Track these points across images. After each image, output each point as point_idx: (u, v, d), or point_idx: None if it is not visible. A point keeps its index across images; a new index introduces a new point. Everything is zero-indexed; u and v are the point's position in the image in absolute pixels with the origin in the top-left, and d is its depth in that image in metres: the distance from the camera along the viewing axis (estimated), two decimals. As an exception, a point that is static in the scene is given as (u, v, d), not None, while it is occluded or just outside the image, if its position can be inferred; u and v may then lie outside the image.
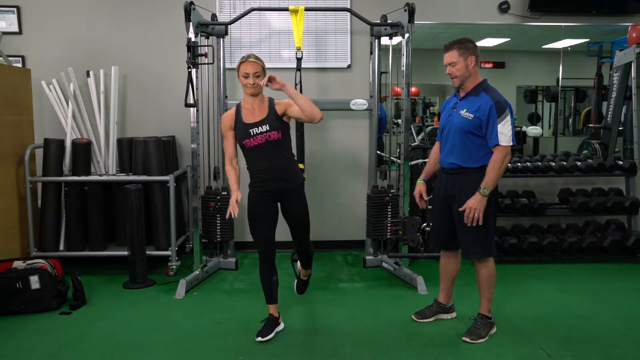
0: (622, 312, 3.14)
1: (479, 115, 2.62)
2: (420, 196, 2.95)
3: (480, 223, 2.60)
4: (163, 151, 3.93)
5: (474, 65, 2.67)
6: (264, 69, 2.70)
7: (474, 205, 2.59)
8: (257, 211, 2.75)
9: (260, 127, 2.67)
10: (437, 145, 2.93)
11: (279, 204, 2.79)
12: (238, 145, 2.78)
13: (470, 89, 2.69)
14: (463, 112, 2.68)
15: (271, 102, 2.76)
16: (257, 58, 2.69)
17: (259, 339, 2.74)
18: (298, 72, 3.62)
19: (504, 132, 2.57)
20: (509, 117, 2.58)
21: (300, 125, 3.67)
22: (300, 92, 3.58)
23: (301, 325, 2.98)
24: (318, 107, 4.25)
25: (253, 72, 2.65)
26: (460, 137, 2.68)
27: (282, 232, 2.91)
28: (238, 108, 2.76)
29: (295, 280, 3.24)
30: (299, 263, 3.13)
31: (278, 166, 2.71)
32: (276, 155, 2.70)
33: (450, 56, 2.68)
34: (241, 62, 2.68)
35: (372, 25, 3.88)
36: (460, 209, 2.64)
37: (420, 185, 2.96)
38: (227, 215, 2.69)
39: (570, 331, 2.86)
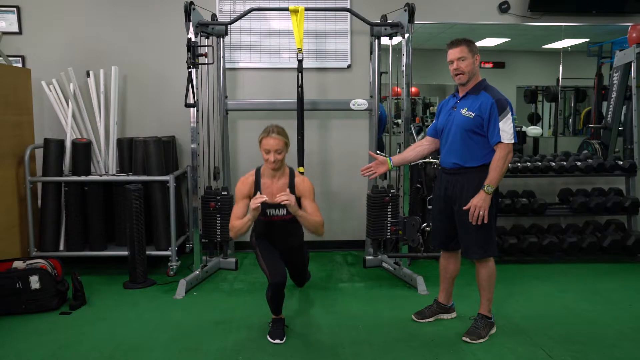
0: (622, 312, 3.14)
1: (480, 114, 2.62)
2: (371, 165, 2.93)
3: (486, 221, 2.60)
4: (163, 151, 3.93)
5: (478, 64, 2.69)
6: (286, 145, 2.70)
7: (479, 204, 2.59)
8: (264, 247, 2.81)
9: (278, 210, 2.72)
10: (426, 139, 2.94)
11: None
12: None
13: (471, 88, 2.70)
14: (464, 111, 2.68)
15: (291, 176, 2.77)
16: (280, 133, 2.66)
17: (277, 341, 2.72)
18: (300, 74, 3.61)
19: (506, 129, 2.57)
20: (510, 115, 2.59)
21: (300, 128, 3.66)
22: (302, 93, 3.59)
23: (301, 325, 2.98)
24: (318, 107, 4.27)
25: (275, 149, 2.64)
26: (461, 136, 2.69)
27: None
28: (257, 177, 2.76)
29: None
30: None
31: (286, 234, 2.85)
32: (285, 228, 2.81)
33: (460, 51, 2.66)
34: (263, 137, 2.66)
35: (372, 25, 3.88)
36: (465, 208, 2.64)
37: (381, 159, 2.92)
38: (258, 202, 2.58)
39: (570, 331, 2.86)
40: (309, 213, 2.71)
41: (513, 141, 2.59)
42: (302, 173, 3.57)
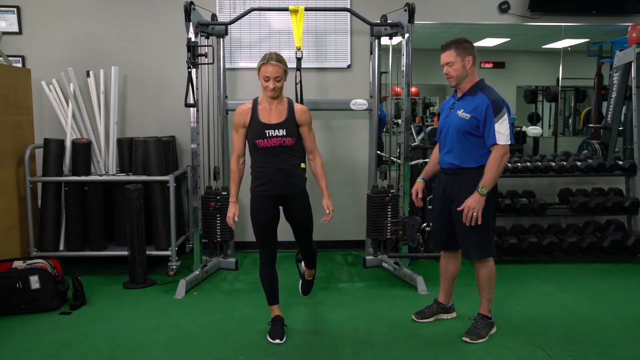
0: (622, 312, 3.14)
1: (476, 115, 2.61)
2: (417, 195, 2.94)
3: (479, 222, 2.60)
4: (163, 151, 3.93)
5: (471, 65, 2.67)
6: (285, 72, 2.65)
7: (472, 205, 2.58)
8: (260, 215, 2.71)
9: (277, 130, 2.62)
10: (438, 145, 2.94)
11: (281, 207, 2.75)
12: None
13: (467, 89, 2.70)
14: (460, 113, 2.68)
15: (290, 104, 2.71)
16: (279, 60, 2.62)
17: (277, 341, 2.72)
18: (298, 72, 3.61)
19: (502, 131, 2.56)
20: (506, 116, 2.58)
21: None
22: (301, 92, 3.58)
23: (301, 325, 2.98)
24: (318, 107, 4.26)
25: (274, 76, 2.59)
26: (458, 137, 2.68)
27: (283, 232, 2.90)
28: (255, 104, 2.69)
29: (300, 281, 3.23)
30: (303, 263, 3.12)
31: (284, 170, 2.66)
32: (285, 160, 2.66)
33: (448, 56, 2.68)
34: (262, 64, 2.60)
35: (372, 25, 3.88)
36: (459, 209, 2.64)
37: (418, 184, 2.96)
38: (229, 223, 2.78)
39: (570, 331, 2.86)
40: (309, 141, 2.77)
41: (509, 142, 2.58)
42: (303, 169, 3.55)
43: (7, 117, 3.75)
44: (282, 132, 2.62)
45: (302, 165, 3.56)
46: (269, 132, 2.61)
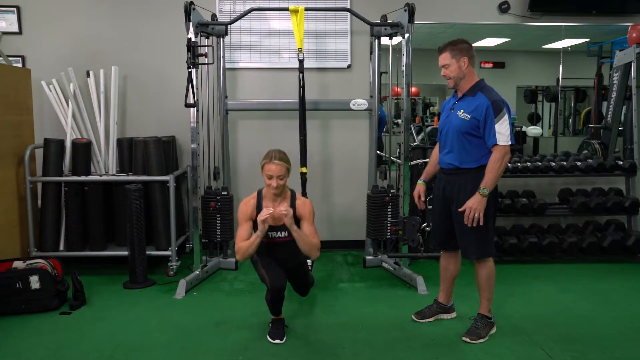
0: (622, 312, 3.14)
1: (476, 116, 2.61)
2: (419, 197, 2.95)
3: (481, 223, 2.60)
4: (163, 151, 3.93)
5: (467, 66, 2.66)
6: (288, 170, 2.71)
7: (474, 206, 2.58)
8: (263, 257, 2.82)
9: (279, 232, 2.76)
10: (437, 146, 2.94)
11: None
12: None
13: (467, 90, 2.69)
14: (460, 113, 2.68)
15: (293, 199, 2.79)
16: (282, 159, 2.67)
17: (277, 341, 2.73)
18: (301, 75, 3.61)
19: (502, 131, 2.56)
20: (506, 117, 2.57)
21: (303, 129, 3.65)
22: (304, 95, 3.58)
23: (301, 325, 2.98)
24: (318, 107, 4.26)
25: (277, 175, 2.65)
26: (458, 137, 2.68)
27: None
28: (259, 200, 2.78)
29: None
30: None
31: (287, 255, 2.83)
32: (288, 250, 2.79)
33: (443, 59, 2.69)
34: (266, 162, 2.67)
35: (372, 25, 3.88)
36: (460, 209, 2.64)
37: (420, 186, 2.96)
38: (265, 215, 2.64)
39: (570, 331, 2.86)
40: (307, 234, 2.74)
41: (510, 143, 2.57)
42: (304, 173, 3.57)
43: (7, 117, 3.75)
44: (284, 234, 2.76)
45: (304, 169, 3.58)
46: (271, 234, 2.75)
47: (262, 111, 4.39)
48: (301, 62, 3.57)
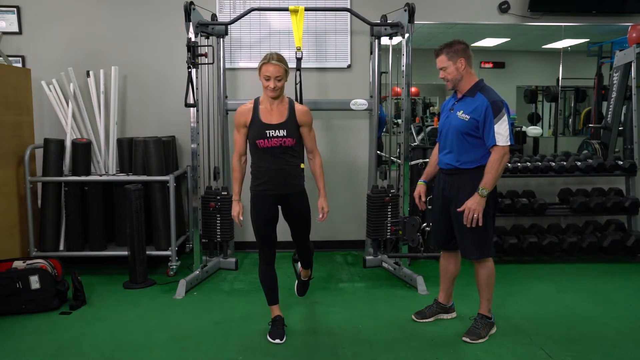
0: (622, 312, 3.14)
1: (476, 117, 2.61)
2: (420, 198, 2.95)
3: (480, 224, 2.60)
4: (163, 151, 3.93)
5: (464, 67, 2.66)
6: (286, 72, 2.65)
7: (473, 206, 2.58)
8: (259, 214, 2.71)
9: (277, 131, 2.62)
10: (437, 146, 2.93)
11: (279, 206, 2.75)
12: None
13: (467, 90, 2.69)
14: (460, 114, 2.68)
15: (291, 104, 2.71)
16: (280, 60, 2.62)
17: (277, 341, 2.72)
18: (298, 72, 3.61)
19: (501, 132, 2.56)
20: (505, 117, 2.57)
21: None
22: (301, 92, 3.58)
23: (301, 325, 2.98)
24: (318, 107, 4.25)
25: (275, 76, 2.59)
26: (457, 138, 2.68)
27: (282, 232, 2.90)
28: (256, 104, 2.69)
29: (296, 282, 3.24)
30: (299, 264, 3.12)
31: (284, 170, 2.67)
32: (285, 160, 2.66)
33: (440, 61, 2.69)
34: (263, 63, 2.61)
35: (372, 25, 3.88)
36: (459, 210, 2.64)
37: (420, 187, 2.96)
38: (236, 221, 2.78)
39: (570, 331, 2.86)
40: (309, 141, 2.78)
41: (509, 144, 2.57)
42: (302, 169, 3.55)
43: (7, 117, 3.75)
44: (282, 132, 2.62)
45: (302, 165, 3.57)
46: (269, 133, 2.62)
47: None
48: (299, 60, 3.56)
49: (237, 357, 2.59)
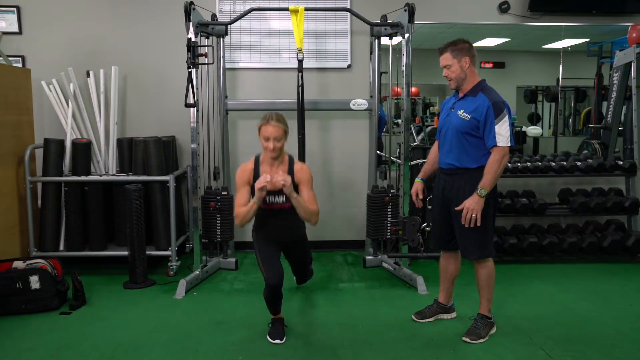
0: (622, 312, 3.14)
1: (476, 116, 2.61)
2: (417, 195, 2.95)
3: (479, 224, 2.60)
4: (163, 151, 3.93)
5: (468, 66, 2.66)
6: (286, 132, 2.69)
7: (471, 206, 2.58)
8: (264, 248, 2.79)
9: (277, 197, 2.73)
10: (436, 144, 2.93)
11: (282, 248, 2.87)
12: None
13: (468, 90, 2.69)
14: (460, 113, 2.68)
15: (290, 164, 2.77)
16: (279, 120, 2.65)
17: (277, 341, 2.72)
18: (300, 74, 3.61)
19: (502, 132, 2.56)
20: (506, 118, 2.57)
21: (301, 128, 3.66)
22: (303, 94, 3.58)
23: (301, 325, 2.98)
24: (318, 107, 4.26)
25: (274, 137, 2.63)
26: (457, 137, 2.68)
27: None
28: (257, 164, 2.76)
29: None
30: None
31: (285, 225, 2.81)
32: (286, 217, 2.77)
33: (445, 59, 2.69)
34: (262, 124, 2.65)
35: (372, 25, 3.88)
36: (457, 209, 2.64)
37: (417, 184, 2.96)
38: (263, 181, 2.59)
39: (570, 331, 2.86)
40: (305, 200, 2.71)
41: (509, 144, 2.57)
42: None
43: (7, 117, 3.75)
44: (282, 198, 2.72)
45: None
46: (269, 199, 2.72)
47: (262, 111, 4.35)
48: (300, 61, 3.57)
49: (237, 357, 2.59)
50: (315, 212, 2.73)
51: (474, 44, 2.71)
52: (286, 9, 3.62)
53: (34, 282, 3.14)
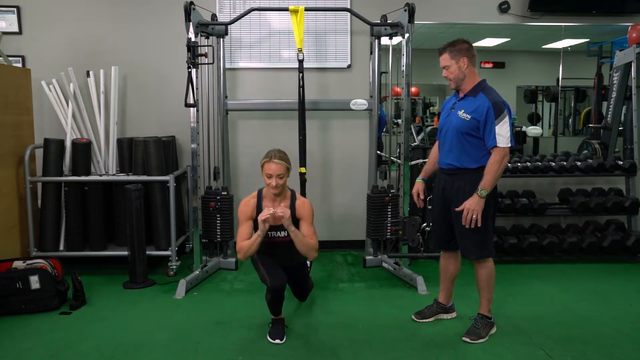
0: (622, 312, 3.14)
1: (477, 117, 2.61)
2: (418, 195, 2.95)
3: (479, 225, 2.60)
4: (163, 151, 3.93)
5: (467, 67, 2.66)
6: (288, 169, 2.72)
7: (472, 207, 2.58)
8: (265, 257, 2.82)
9: (279, 232, 2.76)
10: (437, 144, 2.93)
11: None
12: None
13: (469, 90, 2.69)
14: (461, 113, 2.67)
15: (292, 200, 2.80)
16: (281, 158, 2.69)
17: (277, 341, 2.73)
18: (301, 74, 3.61)
19: (502, 133, 2.56)
20: (507, 119, 2.57)
21: (302, 129, 3.65)
22: (303, 95, 3.57)
23: (301, 325, 2.98)
24: (318, 107, 4.26)
25: (277, 174, 2.66)
26: (457, 137, 2.68)
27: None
28: (259, 199, 2.79)
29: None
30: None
31: (287, 256, 2.85)
32: (288, 249, 2.78)
33: (443, 60, 2.69)
34: (265, 161, 2.68)
35: (372, 25, 3.88)
36: (457, 209, 2.64)
37: (418, 184, 2.96)
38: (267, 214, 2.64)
39: (570, 331, 2.86)
40: (304, 235, 2.74)
41: (509, 145, 2.57)
42: (303, 174, 3.57)
43: (7, 117, 3.75)
44: (284, 233, 2.75)
45: (302, 169, 3.57)
46: (271, 234, 2.76)
47: (262, 111, 4.39)
48: (301, 62, 3.57)
49: (237, 357, 2.59)
50: (314, 247, 2.77)
51: (474, 44, 2.71)
52: (286, 9, 3.62)
53: (34, 282, 3.14)
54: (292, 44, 4.28)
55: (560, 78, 5.17)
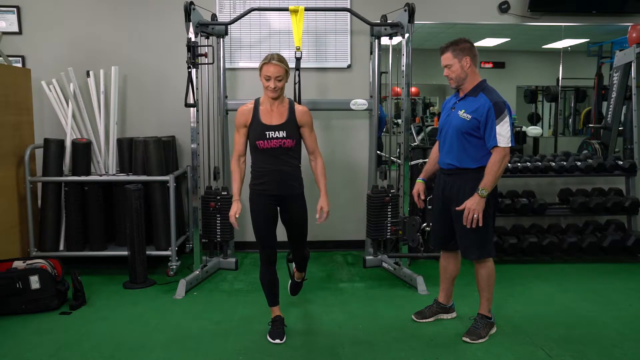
0: (622, 312, 3.14)
1: (477, 117, 2.61)
2: (419, 195, 2.95)
3: (480, 224, 2.60)
4: (163, 151, 3.93)
5: (469, 66, 2.66)
6: (287, 72, 2.65)
7: (472, 207, 2.58)
8: (259, 214, 2.72)
9: (277, 132, 2.63)
10: (437, 144, 2.93)
11: (278, 207, 2.74)
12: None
13: (469, 90, 2.69)
14: (461, 113, 2.67)
15: (291, 105, 2.72)
16: (280, 60, 2.62)
17: (277, 341, 2.72)
18: (297, 72, 3.61)
19: (503, 133, 2.56)
20: (507, 119, 2.57)
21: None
22: (299, 92, 3.58)
23: (301, 325, 2.98)
24: (318, 107, 4.25)
25: (275, 76, 2.59)
26: (457, 137, 2.68)
27: (280, 232, 2.90)
28: (256, 105, 2.70)
29: (290, 281, 3.23)
30: (293, 264, 3.12)
31: (283, 171, 2.67)
32: (285, 161, 2.66)
33: (445, 59, 2.69)
34: (264, 63, 2.61)
35: (372, 25, 3.88)
36: (458, 209, 2.64)
37: (419, 185, 2.96)
38: (231, 221, 2.75)
39: (570, 331, 2.86)
40: (310, 141, 2.75)
41: (510, 145, 2.57)
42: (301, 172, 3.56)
43: (7, 117, 3.75)
44: (282, 133, 2.63)
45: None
46: (269, 134, 2.62)
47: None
48: (298, 59, 3.56)
49: (237, 357, 2.59)
50: (323, 163, 2.83)
51: (473, 44, 2.71)
52: (286, 9, 3.62)
53: (34, 282, 3.14)
54: (292, 44, 4.26)
55: (560, 78, 5.17)
